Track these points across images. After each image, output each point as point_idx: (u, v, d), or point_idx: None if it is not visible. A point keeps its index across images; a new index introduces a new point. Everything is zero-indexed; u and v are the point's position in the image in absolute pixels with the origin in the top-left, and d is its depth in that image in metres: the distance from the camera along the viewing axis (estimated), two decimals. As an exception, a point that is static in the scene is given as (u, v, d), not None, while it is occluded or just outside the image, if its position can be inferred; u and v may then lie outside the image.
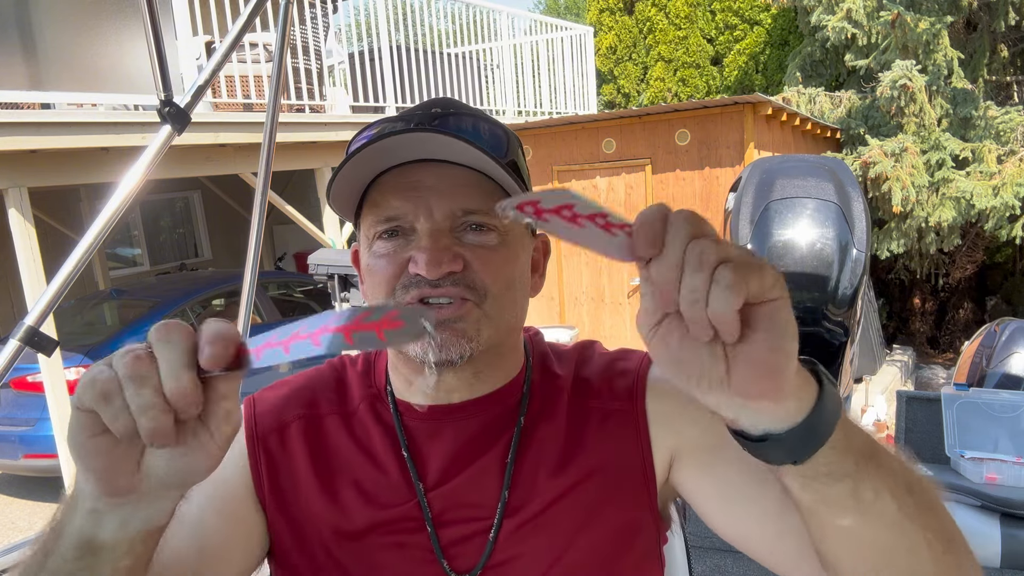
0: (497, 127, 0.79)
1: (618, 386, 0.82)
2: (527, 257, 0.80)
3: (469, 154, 0.72)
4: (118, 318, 6.58)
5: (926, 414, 2.11)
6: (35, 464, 5.55)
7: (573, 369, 0.85)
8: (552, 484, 0.77)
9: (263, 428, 0.83)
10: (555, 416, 0.81)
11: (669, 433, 0.80)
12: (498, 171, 0.73)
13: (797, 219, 2.44)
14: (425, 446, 0.79)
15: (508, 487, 0.77)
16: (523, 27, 9.04)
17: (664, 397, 0.81)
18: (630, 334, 6.84)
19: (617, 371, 0.84)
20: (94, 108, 4.97)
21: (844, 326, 2.38)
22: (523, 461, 0.78)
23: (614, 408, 0.81)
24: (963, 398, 1.99)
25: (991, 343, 3.03)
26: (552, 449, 0.79)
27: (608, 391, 0.82)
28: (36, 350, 1.42)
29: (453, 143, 0.71)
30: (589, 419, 0.81)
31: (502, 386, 0.81)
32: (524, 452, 0.79)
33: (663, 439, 0.80)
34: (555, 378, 0.84)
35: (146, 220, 10.25)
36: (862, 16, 7.43)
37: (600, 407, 0.81)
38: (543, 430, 0.80)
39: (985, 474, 1.85)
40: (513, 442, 0.79)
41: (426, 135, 0.71)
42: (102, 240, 1.52)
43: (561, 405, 0.82)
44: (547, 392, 0.83)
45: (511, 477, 0.77)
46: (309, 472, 0.80)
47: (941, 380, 7.65)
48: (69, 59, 3.74)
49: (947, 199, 6.90)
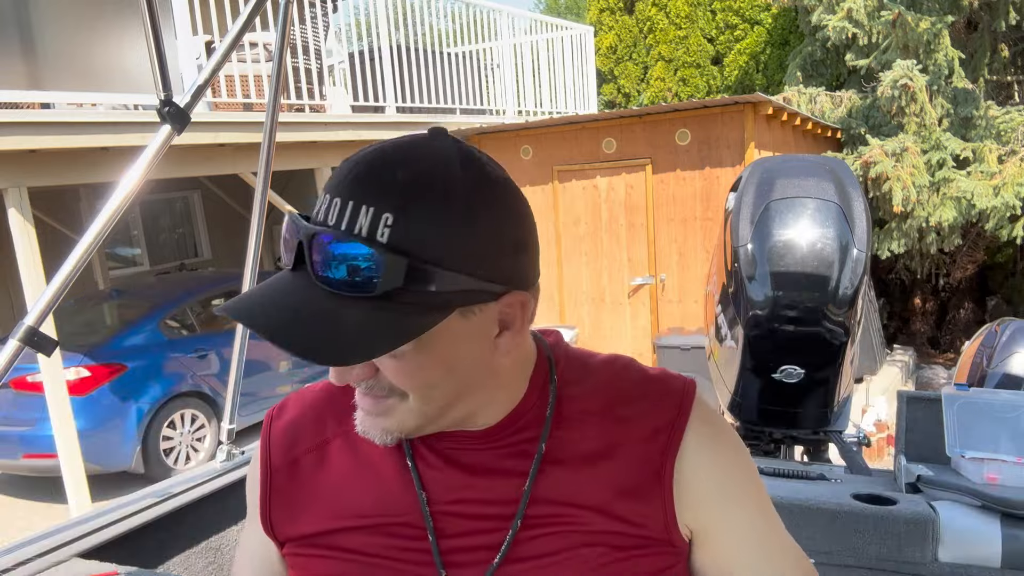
0: (363, 255, 0.61)
1: (650, 426, 0.77)
2: (475, 340, 0.69)
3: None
4: (118, 318, 6.58)
5: (926, 414, 2.11)
6: (35, 464, 5.55)
7: (604, 391, 0.79)
8: (572, 519, 0.74)
9: (276, 465, 0.84)
10: (580, 442, 0.76)
11: (690, 506, 0.76)
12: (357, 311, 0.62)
13: (797, 219, 2.44)
14: (432, 459, 0.77)
15: (521, 515, 0.74)
16: (523, 27, 9.04)
17: (697, 468, 0.76)
18: (630, 334, 6.84)
19: (652, 404, 0.78)
20: (94, 108, 4.97)
21: (844, 326, 2.38)
22: (540, 488, 0.74)
23: (641, 451, 0.76)
24: (964, 398, 1.99)
25: (992, 343, 3.03)
26: (574, 480, 0.75)
27: (638, 429, 0.76)
28: (36, 350, 1.41)
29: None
30: (617, 452, 0.76)
31: (502, 419, 0.76)
32: (543, 478, 0.75)
33: (686, 509, 0.76)
34: (582, 399, 0.78)
35: (146, 220, 10.25)
36: (863, 16, 7.43)
37: (629, 445, 0.76)
38: (567, 454, 0.75)
39: (986, 474, 1.85)
40: (532, 468, 0.75)
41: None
42: (102, 240, 1.52)
43: (589, 430, 0.76)
44: (573, 414, 0.77)
45: (526, 505, 0.74)
46: (314, 495, 0.81)
47: (942, 380, 7.65)
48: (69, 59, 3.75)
49: (948, 199, 6.90)
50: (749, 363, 2.48)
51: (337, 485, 0.80)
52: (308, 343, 0.62)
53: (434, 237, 0.62)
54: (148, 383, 5.89)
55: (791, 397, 2.48)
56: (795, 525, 1.83)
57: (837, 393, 2.50)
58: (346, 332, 0.62)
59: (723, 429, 0.81)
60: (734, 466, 0.80)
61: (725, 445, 0.80)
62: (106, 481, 5.64)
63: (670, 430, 0.76)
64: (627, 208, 6.63)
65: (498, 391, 0.75)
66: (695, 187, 6.28)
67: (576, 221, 6.92)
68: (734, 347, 2.55)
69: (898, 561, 1.77)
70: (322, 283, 0.63)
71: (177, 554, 1.73)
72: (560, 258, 7.07)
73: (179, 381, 6.09)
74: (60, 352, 4.66)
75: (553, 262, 7.13)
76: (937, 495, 1.85)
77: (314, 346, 0.62)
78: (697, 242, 6.35)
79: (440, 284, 0.62)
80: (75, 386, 5.35)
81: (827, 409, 2.52)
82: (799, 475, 2.09)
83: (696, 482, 0.76)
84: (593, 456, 0.75)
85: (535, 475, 0.74)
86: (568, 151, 6.82)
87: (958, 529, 1.75)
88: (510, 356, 0.72)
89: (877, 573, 1.80)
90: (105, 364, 5.66)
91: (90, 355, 5.64)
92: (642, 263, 6.65)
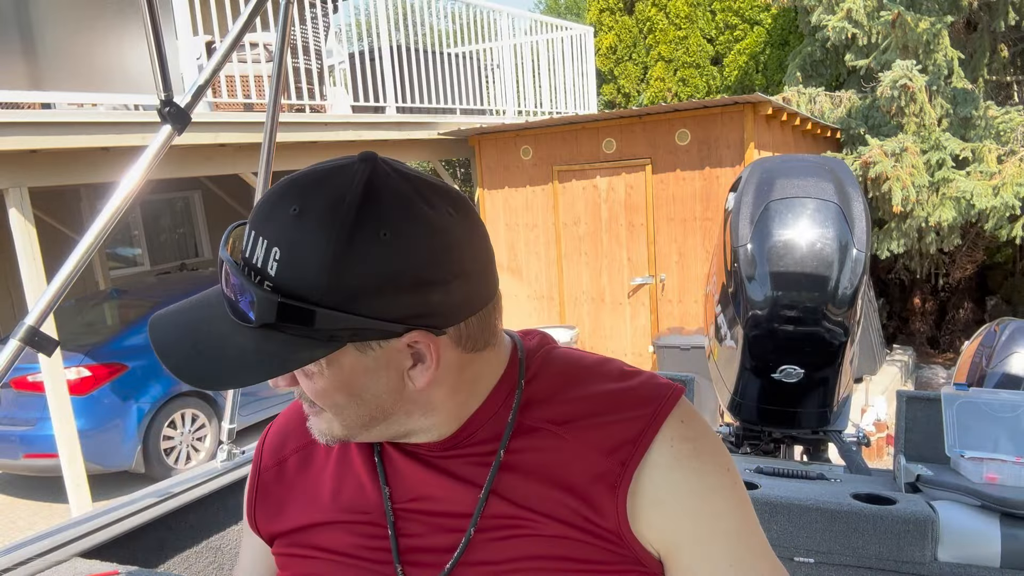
0: (244, 287, 0.64)
1: (614, 439, 0.74)
2: (380, 372, 0.69)
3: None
4: (118, 318, 6.58)
5: (926, 414, 2.11)
6: (35, 464, 5.56)
7: (577, 400, 0.77)
8: (528, 526, 0.73)
9: (265, 465, 0.89)
10: (542, 451, 0.74)
11: (654, 527, 0.73)
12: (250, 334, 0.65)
13: (797, 219, 2.44)
14: (398, 460, 0.79)
15: (475, 524, 0.74)
16: (523, 27, 9.04)
17: (661, 486, 0.73)
18: (630, 334, 6.84)
19: (622, 416, 0.75)
20: (94, 108, 4.97)
21: (844, 326, 2.38)
22: (497, 496, 0.74)
23: (602, 465, 0.73)
24: (963, 398, 1.99)
25: (991, 343, 3.03)
26: (532, 488, 0.73)
27: (602, 440, 0.74)
28: (36, 350, 1.42)
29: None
30: (577, 463, 0.73)
31: (456, 430, 0.75)
32: (500, 486, 0.74)
33: (647, 528, 0.73)
34: (550, 408, 0.76)
35: (146, 220, 10.25)
36: (862, 16, 7.43)
37: (590, 456, 0.73)
38: (527, 463, 0.74)
39: (985, 474, 1.85)
40: (489, 476, 0.74)
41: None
42: (102, 240, 1.53)
43: (551, 440, 0.75)
44: (538, 423, 0.76)
45: (479, 516, 0.74)
46: (295, 493, 0.84)
47: (941, 380, 7.66)
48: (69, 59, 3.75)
49: (947, 199, 6.91)
50: (749, 363, 2.49)
51: (316, 483, 0.83)
52: (190, 369, 0.66)
53: (315, 276, 0.62)
54: (149, 383, 5.89)
55: (791, 397, 2.48)
56: (795, 525, 1.83)
57: (837, 393, 2.50)
58: (227, 361, 0.65)
59: (703, 448, 0.75)
60: (710, 489, 0.74)
61: (702, 464, 0.74)
62: (107, 481, 5.65)
63: (634, 444, 0.73)
64: (627, 208, 6.63)
65: (430, 415, 0.74)
66: (695, 187, 6.28)
67: (576, 221, 6.92)
68: (734, 347, 2.55)
69: (897, 561, 1.77)
70: (226, 304, 0.67)
71: (178, 554, 1.73)
72: (560, 258, 7.08)
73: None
74: (61, 352, 4.66)
75: (553, 262, 7.13)
76: (936, 495, 1.85)
77: (195, 372, 0.66)
78: (697, 242, 6.35)
79: (321, 322, 0.63)
80: (76, 386, 5.35)
81: (827, 409, 2.53)
82: (799, 475, 2.09)
83: (659, 501, 0.72)
84: (553, 465, 0.73)
85: (491, 483, 0.74)
86: (568, 151, 6.82)
87: (957, 529, 1.75)
88: (435, 386, 0.71)
89: (876, 573, 1.81)
90: (106, 364, 5.66)
91: (91, 355, 5.65)
92: (642, 263, 6.65)
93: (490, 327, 0.73)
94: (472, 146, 7.47)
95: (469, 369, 0.73)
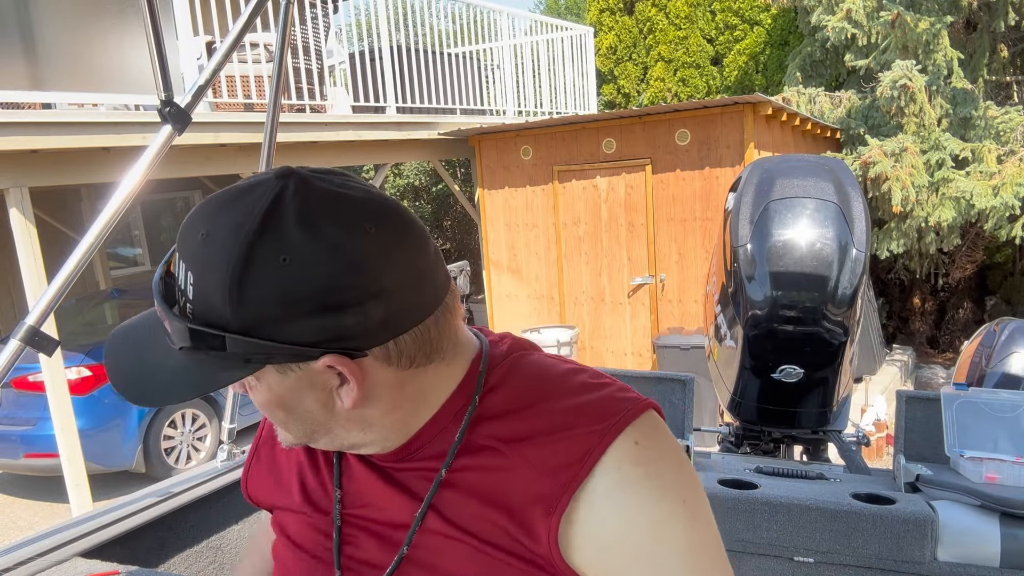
0: (161, 313, 0.66)
1: (558, 458, 0.69)
2: (305, 392, 0.68)
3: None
4: (119, 318, 6.58)
5: (926, 414, 2.11)
6: (36, 463, 5.56)
7: (532, 417, 0.72)
8: (463, 548, 0.72)
9: (264, 438, 0.93)
10: (487, 471, 0.72)
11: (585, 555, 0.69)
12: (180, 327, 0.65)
13: (797, 219, 2.44)
14: (355, 465, 0.80)
15: (408, 542, 0.74)
16: (523, 27, 9.04)
17: (599, 512, 0.68)
18: (630, 334, 6.84)
19: (573, 436, 0.70)
20: (95, 108, 4.97)
21: (844, 326, 2.38)
22: (432, 518, 0.73)
23: (542, 485, 0.69)
24: (962, 398, 1.99)
25: (990, 343, 3.03)
26: (471, 509, 0.71)
27: (547, 459, 0.70)
28: (37, 350, 1.42)
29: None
30: (519, 484, 0.70)
31: (405, 442, 0.74)
32: (437, 507, 0.73)
33: (581, 559, 0.69)
34: (501, 425, 0.73)
35: (147, 220, 10.25)
36: (862, 16, 7.43)
37: (534, 477, 0.70)
38: (463, 486, 0.72)
39: (985, 474, 1.85)
40: (429, 493, 0.73)
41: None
42: (103, 240, 1.53)
43: (498, 459, 0.72)
44: (487, 441, 0.73)
45: (414, 532, 0.73)
46: (277, 471, 0.88)
47: (941, 380, 7.66)
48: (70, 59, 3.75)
49: (947, 199, 6.91)
50: (748, 363, 2.49)
51: (290, 467, 0.86)
52: (126, 385, 0.69)
53: (219, 303, 0.62)
54: (148, 383, 5.88)
55: (790, 397, 2.49)
56: (795, 525, 1.83)
57: (836, 393, 2.50)
58: (159, 380, 0.67)
59: (656, 473, 0.68)
60: (657, 523, 0.67)
61: (652, 492, 0.67)
62: (107, 480, 5.65)
63: (576, 465, 0.68)
64: (627, 208, 6.63)
65: (368, 432, 0.72)
66: (695, 187, 6.28)
67: (576, 221, 6.92)
68: (733, 347, 2.56)
69: (897, 560, 1.77)
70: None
71: (178, 553, 1.74)
72: (560, 258, 7.08)
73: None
74: (61, 352, 4.66)
75: (553, 262, 7.14)
76: (936, 494, 1.85)
77: (131, 388, 0.69)
78: (697, 242, 6.35)
79: (232, 347, 0.62)
80: (76, 385, 5.35)
81: (826, 409, 2.53)
82: (798, 475, 2.10)
83: (594, 530, 0.67)
84: (494, 485, 0.71)
85: (430, 500, 0.73)
86: (568, 151, 6.83)
87: (957, 528, 1.75)
88: (368, 405, 0.69)
89: (876, 572, 1.81)
90: (106, 364, 5.66)
91: (91, 355, 5.65)
92: (642, 263, 6.66)
93: (431, 342, 0.69)
94: (472, 146, 7.47)
95: (411, 385, 0.70)
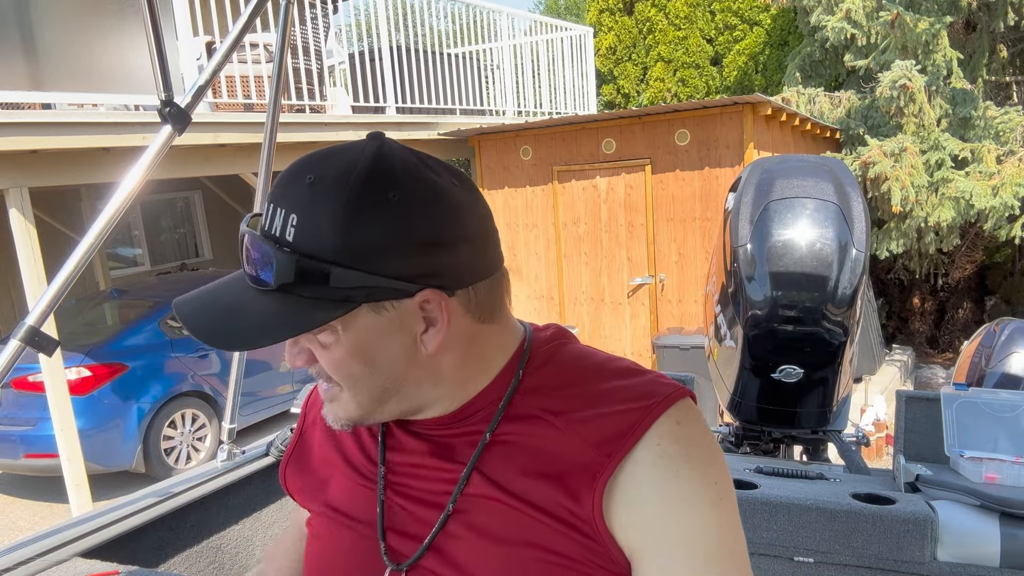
0: (264, 252, 0.69)
1: (604, 431, 0.73)
2: (394, 335, 0.71)
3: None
4: (118, 318, 6.58)
5: (925, 414, 2.11)
6: (36, 464, 5.56)
7: (575, 393, 0.77)
8: (506, 510, 0.74)
9: (310, 421, 0.95)
10: (531, 437, 0.75)
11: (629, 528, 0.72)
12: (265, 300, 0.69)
13: (797, 219, 2.44)
14: (400, 435, 0.82)
15: (454, 501, 0.76)
16: (523, 27, 9.05)
17: (641, 484, 0.71)
18: (630, 334, 6.84)
19: (616, 411, 0.74)
20: (95, 108, 4.97)
21: (844, 326, 2.38)
22: (477, 482, 0.75)
23: (588, 455, 0.72)
24: (962, 398, 1.99)
25: (990, 343, 3.03)
26: (515, 473, 0.74)
27: (593, 432, 0.74)
28: (37, 350, 1.42)
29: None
30: (564, 453, 0.73)
31: (460, 407, 0.78)
32: (482, 470, 0.75)
33: (620, 527, 0.72)
34: (546, 397, 0.77)
35: (147, 220, 10.25)
36: (861, 16, 7.43)
37: (578, 447, 0.73)
38: (509, 452, 0.75)
39: (984, 474, 1.85)
40: (473, 456, 0.76)
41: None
42: (103, 240, 1.53)
43: (543, 428, 0.75)
44: (532, 410, 0.76)
45: (459, 493, 0.75)
46: (322, 451, 0.90)
47: (940, 380, 7.66)
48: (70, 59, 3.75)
49: (946, 199, 6.91)
50: (748, 363, 2.49)
51: (335, 444, 0.88)
52: (212, 329, 0.70)
53: (329, 235, 0.66)
54: (149, 383, 5.89)
55: (790, 397, 2.49)
56: (795, 525, 1.83)
57: (836, 393, 2.50)
58: (248, 321, 0.69)
59: (692, 455, 0.73)
60: (687, 500, 0.71)
61: (688, 471, 0.72)
62: (107, 481, 5.65)
63: (621, 438, 0.72)
64: (627, 208, 6.63)
65: (439, 386, 0.76)
66: (694, 187, 6.29)
67: (576, 221, 6.93)
68: (733, 347, 2.56)
69: (897, 560, 1.77)
70: (247, 277, 0.71)
71: (178, 553, 1.74)
72: (560, 258, 7.08)
73: (180, 381, 6.10)
74: (61, 352, 4.66)
75: (553, 262, 7.14)
76: (936, 494, 1.85)
77: (217, 332, 0.70)
78: (696, 242, 6.35)
79: (336, 280, 0.66)
80: (76, 386, 5.35)
81: (826, 409, 2.53)
82: (798, 475, 2.10)
83: (633, 499, 0.71)
84: (541, 452, 0.74)
85: (475, 462, 0.76)
86: (568, 151, 6.83)
87: (957, 529, 1.75)
88: (446, 352, 0.73)
89: (876, 572, 1.81)
90: (106, 364, 5.66)
91: (91, 355, 5.65)
92: (642, 263, 6.66)
93: (498, 297, 0.77)
94: (472, 146, 7.47)
95: (477, 341, 0.76)
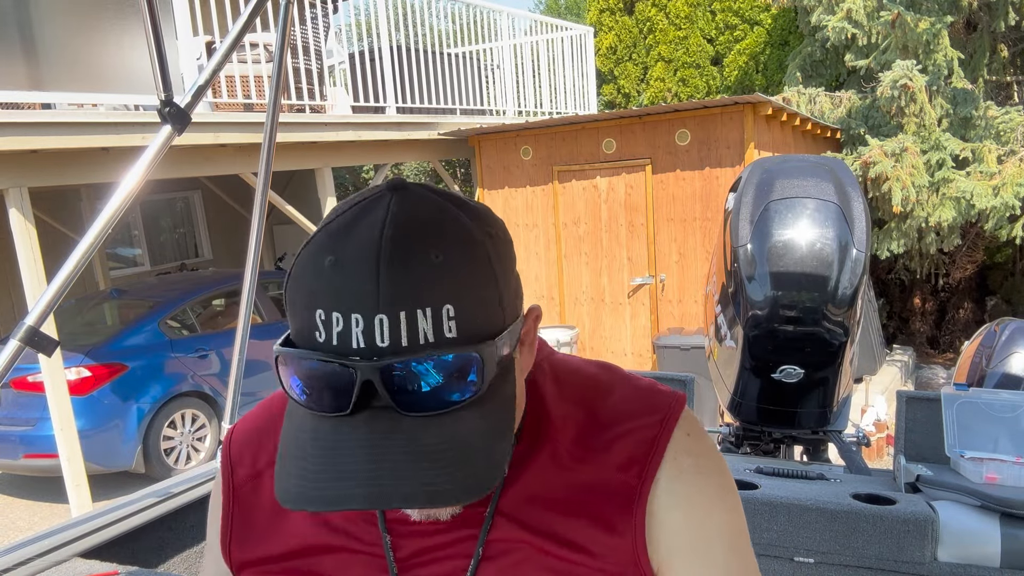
0: (460, 361, 0.57)
1: (625, 452, 0.71)
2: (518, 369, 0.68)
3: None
4: (118, 318, 6.58)
5: (926, 414, 2.11)
6: (35, 464, 5.55)
7: (584, 412, 0.73)
8: (531, 545, 0.70)
9: (240, 479, 0.79)
10: (544, 468, 0.71)
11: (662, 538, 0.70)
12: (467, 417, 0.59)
13: (797, 219, 2.44)
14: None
15: (482, 543, 0.70)
16: (523, 27, 9.04)
17: (671, 503, 0.70)
18: (630, 334, 6.84)
19: (631, 430, 0.72)
20: (94, 108, 4.97)
21: (844, 326, 2.38)
22: (499, 523, 0.70)
23: (616, 480, 0.70)
24: (963, 398, 1.99)
25: (991, 343, 3.03)
26: (536, 512, 0.70)
27: (613, 455, 0.71)
28: (36, 350, 1.42)
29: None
30: (589, 479, 0.71)
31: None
32: (503, 511, 0.70)
33: (654, 548, 0.70)
34: (550, 423, 0.73)
35: (146, 220, 10.25)
36: (862, 16, 7.43)
37: (602, 472, 0.71)
38: (529, 481, 0.71)
39: (985, 474, 1.85)
40: (492, 501, 0.70)
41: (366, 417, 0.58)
42: (103, 240, 1.53)
43: (553, 455, 0.72)
44: (539, 440, 0.72)
45: (486, 535, 0.70)
46: (278, 512, 0.76)
47: (941, 380, 7.66)
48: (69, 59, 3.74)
49: (947, 199, 6.91)
50: (749, 363, 2.49)
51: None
52: (463, 484, 0.56)
53: (493, 310, 0.60)
54: (149, 383, 5.89)
55: (790, 397, 2.49)
56: (795, 525, 1.83)
57: (836, 393, 2.50)
58: (476, 447, 0.58)
59: (704, 463, 0.73)
60: (708, 508, 0.72)
61: (705, 480, 0.72)
62: (107, 481, 5.65)
63: (646, 460, 0.70)
64: (627, 208, 6.63)
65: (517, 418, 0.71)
66: (695, 187, 6.28)
67: (576, 221, 6.92)
68: (734, 347, 2.55)
69: (897, 561, 1.77)
70: (420, 412, 0.57)
71: (177, 554, 1.74)
72: (560, 258, 7.08)
73: (180, 381, 6.10)
74: (61, 352, 4.66)
75: (553, 262, 7.13)
76: (936, 495, 1.85)
77: (468, 483, 0.56)
78: (697, 242, 6.35)
79: (509, 343, 0.62)
80: (76, 386, 5.35)
81: (826, 409, 2.53)
82: (799, 475, 2.09)
83: (661, 518, 0.70)
84: (563, 484, 0.71)
85: (498, 494, 0.70)
86: (568, 151, 6.82)
87: (957, 529, 1.75)
88: (520, 375, 0.69)
89: (876, 573, 1.81)
90: (106, 364, 5.66)
91: (91, 355, 5.64)
92: (642, 263, 6.65)
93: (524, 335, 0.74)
94: (472, 146, 7.47)
95: (518, 371, 0.69)
